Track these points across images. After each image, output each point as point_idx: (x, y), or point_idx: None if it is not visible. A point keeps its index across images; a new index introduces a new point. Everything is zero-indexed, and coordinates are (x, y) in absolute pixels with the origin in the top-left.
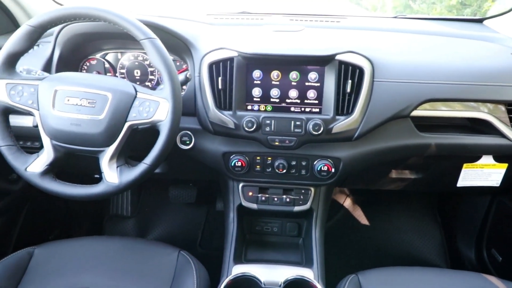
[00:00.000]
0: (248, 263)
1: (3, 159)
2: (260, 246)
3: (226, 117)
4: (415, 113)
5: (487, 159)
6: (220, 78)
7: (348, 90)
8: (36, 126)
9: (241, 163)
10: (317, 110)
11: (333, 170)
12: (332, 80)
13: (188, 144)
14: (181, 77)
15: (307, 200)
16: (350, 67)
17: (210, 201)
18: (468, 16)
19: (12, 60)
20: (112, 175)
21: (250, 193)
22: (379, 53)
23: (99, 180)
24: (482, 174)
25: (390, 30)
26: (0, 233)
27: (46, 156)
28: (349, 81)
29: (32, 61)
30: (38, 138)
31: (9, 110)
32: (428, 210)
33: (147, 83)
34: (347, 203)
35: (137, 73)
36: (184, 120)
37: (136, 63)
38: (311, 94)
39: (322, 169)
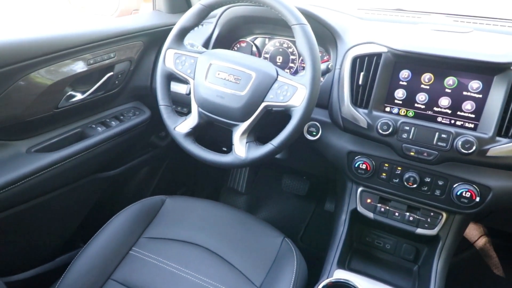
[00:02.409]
0: (351, 271)
1: (159, 118)
2: (367, 259)
3: (360, 115)
4: None
5: None
6: (362, 74)
7: None
8: (189, 94)
9: (366, 166)
10: (472, 125)
11: (477, 199)
12: (501, 94)
13: (315, 136)
14: (322, 67)
15: (434, 225)
16: None
17: (320, 199)
18: None
19: (182, 34)
20: (241, 149)
21: (369, 200)
22: None
23: (225, 152)
24: None
25: None
26: (144, 178)
27: (191, 121)
28: None
29: (196, 38)
30: (187, 105)
31: (172, 76)
32: None
33: (286, 70)
34: (480, 243)
35: (279, 59)
36: (315, 111)
37: (280, 50)
38: (468, 106)
39: (464, 195)
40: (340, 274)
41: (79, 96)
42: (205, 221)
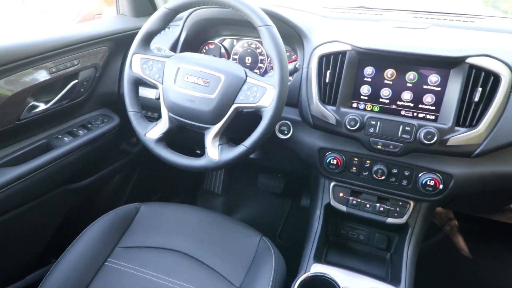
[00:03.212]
0: (328, 264)
1: (129, 124)
2: (343, 251)
3: (328, 112)
4: None
5: None
6: (328, 72)
7: (476, 99)
8: (158, 98)
9: (337, 162)
10: (433, 117)
11: (441, 186)
12: (457, 86)
13: (286, 134)
14: (290, 66)
15: (403, 214)
16: (483, 73)
17: (296, 195)
18: None
19: (148, 38)
20: (214, 151)
21: (341, 194)
22: None
23: (198, 155)
24: None
25: None
26: (117, 187)
27: (162, 126)
28: (479, 89)
29: (162, 41)
30: (157, 110)
31: (139, 81)
32: None
33: (255, 71)
34: (449, 227)
35: (248, 60)
36: (286, 110)
37: (249, 50)
38: (428, 99)
39: (428, 183)
40: (317, 268)
41: (42, 106)
42: (181, 226)
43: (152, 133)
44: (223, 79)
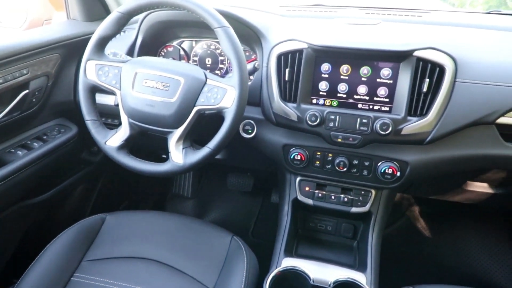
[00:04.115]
0: (298, 257)
1: (88, 132)
2: (312, 243)
3: (289, 109)
4: (502, 120)
5: None
6: (287, 70)
7: (425, 89)
8: (117, 105)
9: (301, 157)
10: (387, 109)
11: (398, 174)
12: (407, 78)
13: (250, 133)
14: (249, 66)
15: (366, 202)
16: (429, 65)
17: (266, 192)
18: None
19: (102, 43)
20: (178, 155)
21: (307, 188)
22: (464, 51)
23: (165, 159)
24: None
25: (481, 26)
26: (80, 198)
27: (123, 133)
28: (427, 80)
29: (118, 46)
30: (117, 116)
31: (96, 88)
32: (505, 230)
33: (216, 72)
34: (410, 211)
35: (208, 61)
36: (248, 109)
37: (208, 52)
38: (382, 91)
39: (386, 171)
40: (288, 262)
41: None
42: (150, 233)
43: (112, 141)
44: (182, 82)
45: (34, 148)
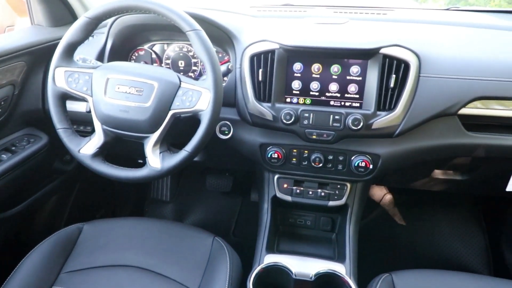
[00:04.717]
0: (280, 253)
1: (60, 141)
2: (293, 238)
3: (264, 109)
4: (464, 111)
5: None
6: (260, 70)
7: (392, 85)
8: (89, 112)
9: (278, 155)
10: (358, 104)
11: (371, 166)
12: (375, 75)
13: (227, 134)
14: (223, 68)
15: (342, 196)
16: (395, 61)
17: (245, 191)
18: None
19: (71, 50)
20: (155, 160)
21: (285, 185)
22: (427, 47)
23: (142, 164)
24: None
25: (441, 23)
26: (55, 209)
27: (97, 140)
28: (393, 76)
29: (87, 51)
30: (90, 123)
31: (66, 96)
32: (473, 214)
33: (190, 74)
34: (385, 201)
35: (181, 63)
36: (224, 110)
37: (181, 54)
38: (352, 88)
39: (360, 165)
40: (270, 259)
41: None
42: (130, 240)
43: (86, 148)
44: (156, 86)
45: (3, 160)
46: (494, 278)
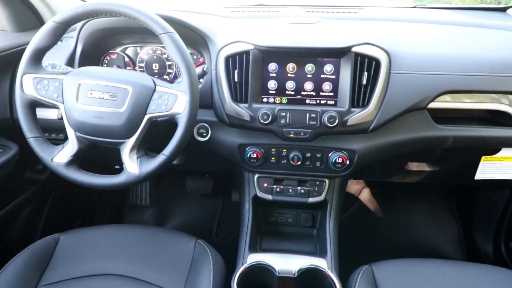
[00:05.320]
0: (263, 252)
1: (31, 150)
2: (275, 236)
3: (242, 110)
4: (433, 105)
5: (506, 152)
6: (236, 71)
7: (364, 82)
8: (61, 119)
9: (257, 155)
10: (333, 102)
11: (347, 162)
12: (348, 72)
13: (205, 136)
14: (198, 70)
15: (321, 192)
16: (367, 59)
17: (226, 192)
18: (491, 5)
19: (38, 55)
20: (133, 165)
21: (265, 184)
22: (396, 45)
23: (120, 170)
24: (501, 167)
25: (409, 20)
26: (28, 220)
27: (70, 147)
28: (365, 73)
29: (56, 56)
30: (62, 130)
31: (36, 103)
32: (446, 203)
33: (165, 77)
34: (363, 195)
35: (155, 66)
36: (201, 112)
37: (155, 57)
38: (327, 86)
39: (337, 161)
40: (254, 258)
41: None
42: (110, 248)
43: (60, 157)
44: (130, 90)
45: None
46: (467, 263)
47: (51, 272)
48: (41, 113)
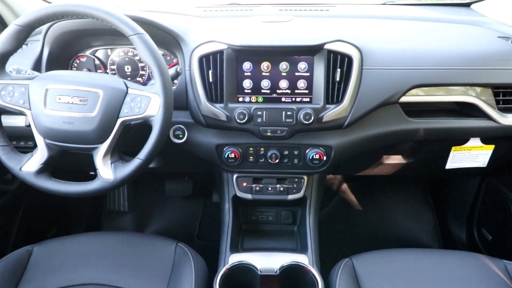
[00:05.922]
0: (244, 252)
1: None
2: (256, 235)
3: (218, 110)
4: (404, 99)
5: (474, 142)
6: (210, 71)
7: (338, 78)
8: (29, 126)
9: (235, 155)
10: (308, 99)
11: (324, 158)
12: (321, 70)
13: (182, 138)
14: (171, 71)
15: (300, 189)
16: (339, 56)
17: (206, 194)
18: (457, 0)
19: (2, 60)
20: (107, 171)
21: (245, 184)
22: (367, 41)
23: (94, 177)
24: (470, 156)
25: (379, 17)
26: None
27: (40, 155)
28: (338, 70)
29: (21, 61)
30: (31, 138)
31: (1, 111)
32: (421, 194)
33: (138, 79)
34: (341, 190)
35: (127, 69)
36: (177, 114)
37: (126, 59)
38: (301, 84)
39: (314, 157)
40: (235, 258)
41: None
42: (87, 257)
43: (29, 165)
44: (101, 94)
45: None
46: (443, 251)
47: (26, 285)
48: (8, 120)
